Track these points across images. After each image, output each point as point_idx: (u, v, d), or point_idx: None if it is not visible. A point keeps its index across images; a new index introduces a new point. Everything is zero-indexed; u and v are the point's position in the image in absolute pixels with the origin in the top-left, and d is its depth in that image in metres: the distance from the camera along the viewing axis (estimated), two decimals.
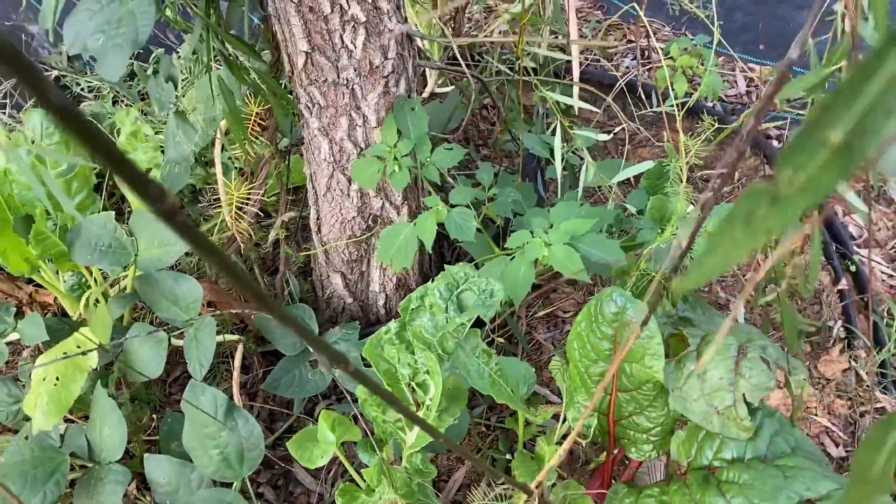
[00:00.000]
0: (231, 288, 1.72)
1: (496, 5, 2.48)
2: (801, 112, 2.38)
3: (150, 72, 2.31)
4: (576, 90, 1.89)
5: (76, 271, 1.74)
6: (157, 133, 1.90)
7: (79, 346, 1.52)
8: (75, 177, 1.65)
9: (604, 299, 1.10)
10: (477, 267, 1.50)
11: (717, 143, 2.17)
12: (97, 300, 1.58)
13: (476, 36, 1.59)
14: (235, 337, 1.68)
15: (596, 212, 1.57)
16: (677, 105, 1.77)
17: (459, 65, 1.62)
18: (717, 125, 1.73)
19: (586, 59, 2.58)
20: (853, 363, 1.79)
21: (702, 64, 2.05)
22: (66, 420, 1.63)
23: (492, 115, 2.49)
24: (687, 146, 1.44)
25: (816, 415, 1.70)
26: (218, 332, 1.57)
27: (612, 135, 1.59)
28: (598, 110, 2.00)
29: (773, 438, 1.02)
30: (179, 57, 2.03)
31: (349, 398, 1.69)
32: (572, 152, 1.87)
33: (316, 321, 1.70)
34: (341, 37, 1.39)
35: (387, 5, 1.41)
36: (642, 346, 1.05)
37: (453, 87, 2.30)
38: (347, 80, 1.46)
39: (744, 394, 0.98)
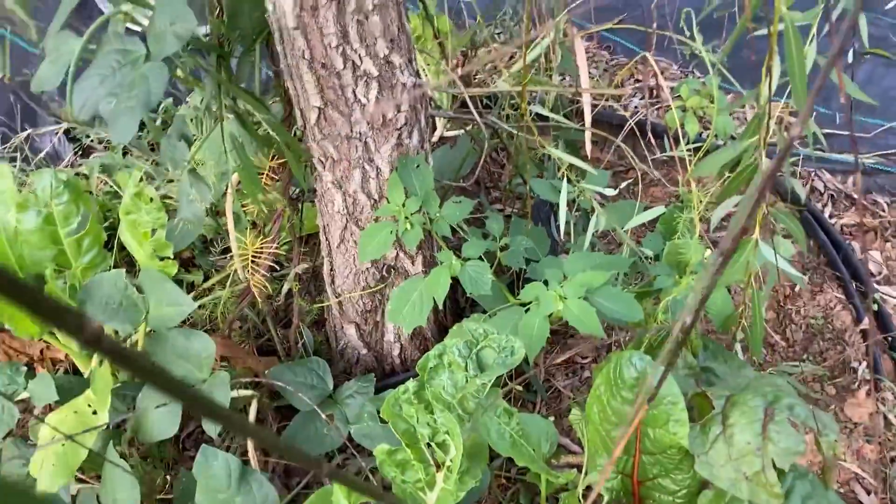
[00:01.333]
0: (244, 342, 1.70)
1: (506, 50, 2.49)
2: (818, 149, 2.37)
3: (158, 122, 2.32)
4: (588, 135, 1.88)
5: None
6: (159, 189, 1.90)
7: (90, 405, 1.51)
8: (86, 234, 1.64)
9: (623, 363, 1.07)
10: (488, 315, 1.48)
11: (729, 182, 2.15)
12: (102, 360, 1.56)
13: (486, 85, 1.59)
14: (249, 392, 1.65)
15: (611, 261, 1.55)
16: (690, 149, 1.76)
17: (470, 111, 1.61)
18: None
19: (596, 101, 2.58)
20: (881, 406, 1.76)
21: (712, 103, 2.04)
22: (79, 480, 1.61)
23: (502, 158, 2.48)
24: (700, 196, 1.42)
25: (845, 461, 1.66)
26: (231, 388, 1.55)
27: (617, 190, 1.58)
28: (594, 173, 1.99)
29: (806, 502, 0.99)
30: (188, 104, 2.04)
31: (365, 452, 1.66)
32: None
33: (330, 374, 1.68)
34: (354, 91, 1.39)
35: (399, 59, 1.40)
36: (666, 411, 1.03)
37: (463, 131, 2.29)
38: (360, 133, 1.45)
39: (773, 459, 0.96)
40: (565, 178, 1.52)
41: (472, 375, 1.18)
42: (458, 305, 1.96)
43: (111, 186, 2.14)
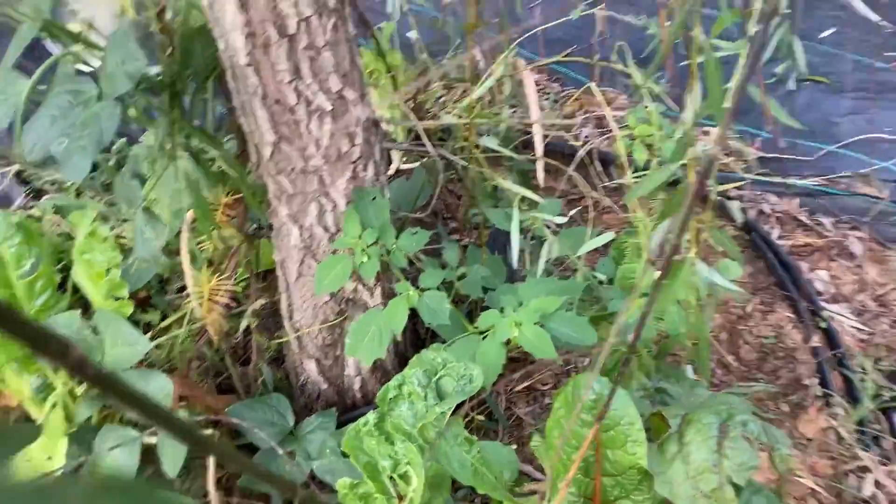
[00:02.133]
0: (202, 381, 1.69)
1: (455, 86, 2.53)
2: (759, 174, 2.44)
3: (112, 162, 2.31)
4: (540, 165, 1.91)
5: (41, 373, 1.69)
6: (113, 229, 1.88)
7: (44, 452, 1.48)
8: (39, 277, 1.62)
9: (581, 386, 1.09)
10: (448, 344, 1.49)
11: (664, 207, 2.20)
12: (55, 404, 1.53)
13: (438, 118, 1.62)
14: (209, 431, 1.63)
15: (564, 287, 1.58)
16: (639, 176, 1.81)
17: (424, 144, 1.64)
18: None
19: (547, 131, 2.63)
20: (832, 421, 1.80)
21: (660, 130, 2.10)
22: None
23: (458, 189, 2.51)
24: (646, 222, 1.46)
25: (801, 476, 1.69)
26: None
27: (568, 218, 1.61)
28: (542, 202, 2.03)
29: None
30: (141, 142, 2.03)
31: (328, 489, 1.64)
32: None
33: (291, 410, 1.67)
34: (308, 126, 1.40)
35: (352, 94, 1.42)
36: (624, 432, 1.04)
37: (418, 163, 2.32)
38: (315, 167, 1.46)
39: (729, 475, 0.98)
40: (516, 208, 1.54)
41: (431, 405, 1.18)
42: (417, 336, 1.97)
43: (64, 227, 2.11)
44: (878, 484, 1.69)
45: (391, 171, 2.44)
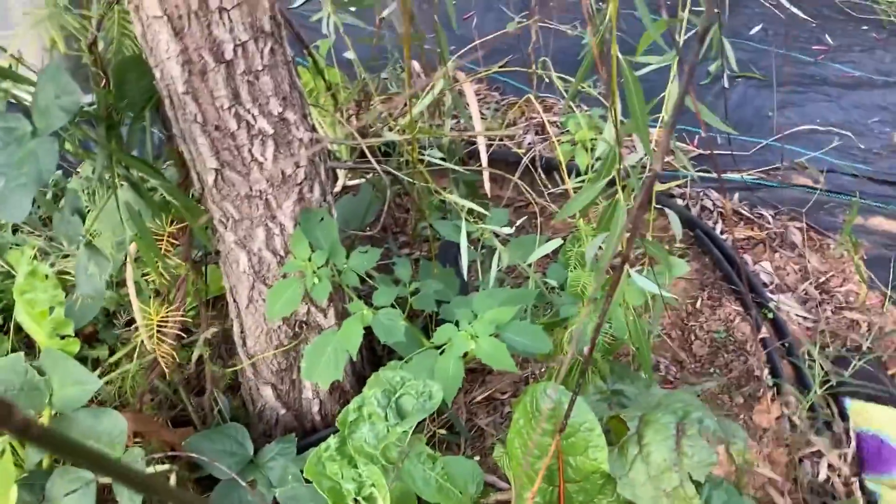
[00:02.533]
0: (157, 415, 1.65)
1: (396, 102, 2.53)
2: (700, 171, 2.50)
3: (49, 195, 2.25)
4: (486, 174, 1.93)
5: None
6: (54, 265, 1.84)
7: None
8: None
9: (538, 395, 1.10)
10: (405, 360, 1.49)
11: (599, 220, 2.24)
12: (2, 451, 1.48)
13: (381, 135, 1.63)
14: (167, 467, 1.60)
15: (517, 295, 1.59)
16: (583, 180, 1.84)
17: (369, 161, 1.63)
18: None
19: (491, 141, 2.65)
20: (785, 410, 1.85)
21: (601, 134, 2.13)
22: None
23: (406, 203, 2.51)
24: (588, 230, 1.48)
25: (758, 466, 1.73)
26: (147, 464, 1.50)
27: (514, 228, 1.63)
28: (487, 214, 2.05)
29: None
30: (79, 174, 1.98)
31: None
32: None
33: (249, 438, 1.65)
34: (250, 151, 1.39)
35: (293, 116, 1.41)
36: (584, 438, 1.06)
37: (364, 180, 2.31)
38: (260, 191, 1.45)
39: (689, 473, 1.00)
40: (464, 220, 1.55)
41: (392, 424, 1.18)
42: (375, 354, 1.96)
43: (2, 266, 2.05)
44: (831, 467, 1.74)
45: (337, 189, 2.43)
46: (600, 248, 1.18)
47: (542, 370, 1.95)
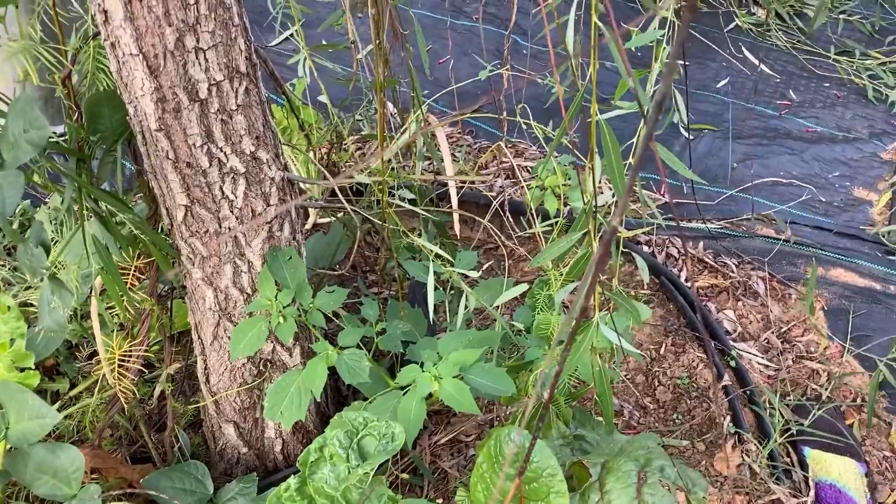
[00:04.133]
0: (116, 451, 1.62)
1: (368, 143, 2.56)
2: (666, 219, 2.54)
3: (15, 225, 2.23)
4: (455, 216, 1.95)
5: None
6: (16, 296, 1.82)
7: None
8: None
9: (502, 439, 1.11)
10: (369, 401, 1.49)
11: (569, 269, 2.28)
12: None
13: (353, 177, 1.64)
14: None
15: (482, 337, 1.60)
16: (552, 224, 1.87)
17: (340, 200, 1.65)
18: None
19: (462, 183, 2.68)
20: (745, 457, 1.86)
21: (569, 181, 2.17)
22: None
23: (376, 241, 2.52)
24: (555, 275, 1.50)
25: None
26: (104, 501, 1.47)
27: (481, 271, 1.65)
28: (451, 260, 2.07)
29: None
30: (46, 205, 1.97)
31: None
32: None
33: (209, 477, 1.62)
34: (221, 188, 1.39)
35: (266, 155, 1.43)
36: (546, 484, 1.06)
37: (335, 218, 2.32)
38: (230, 229, 1.45)
39: None
40: (431, 262, 1.57)
41: (354, 466, 1.17)
42: (339, 393, 1.95)
43: None
44: None
45: (308, 226, 2.44)
46: (572, 292, 1.20)
47: (508, 413, 1.95)
